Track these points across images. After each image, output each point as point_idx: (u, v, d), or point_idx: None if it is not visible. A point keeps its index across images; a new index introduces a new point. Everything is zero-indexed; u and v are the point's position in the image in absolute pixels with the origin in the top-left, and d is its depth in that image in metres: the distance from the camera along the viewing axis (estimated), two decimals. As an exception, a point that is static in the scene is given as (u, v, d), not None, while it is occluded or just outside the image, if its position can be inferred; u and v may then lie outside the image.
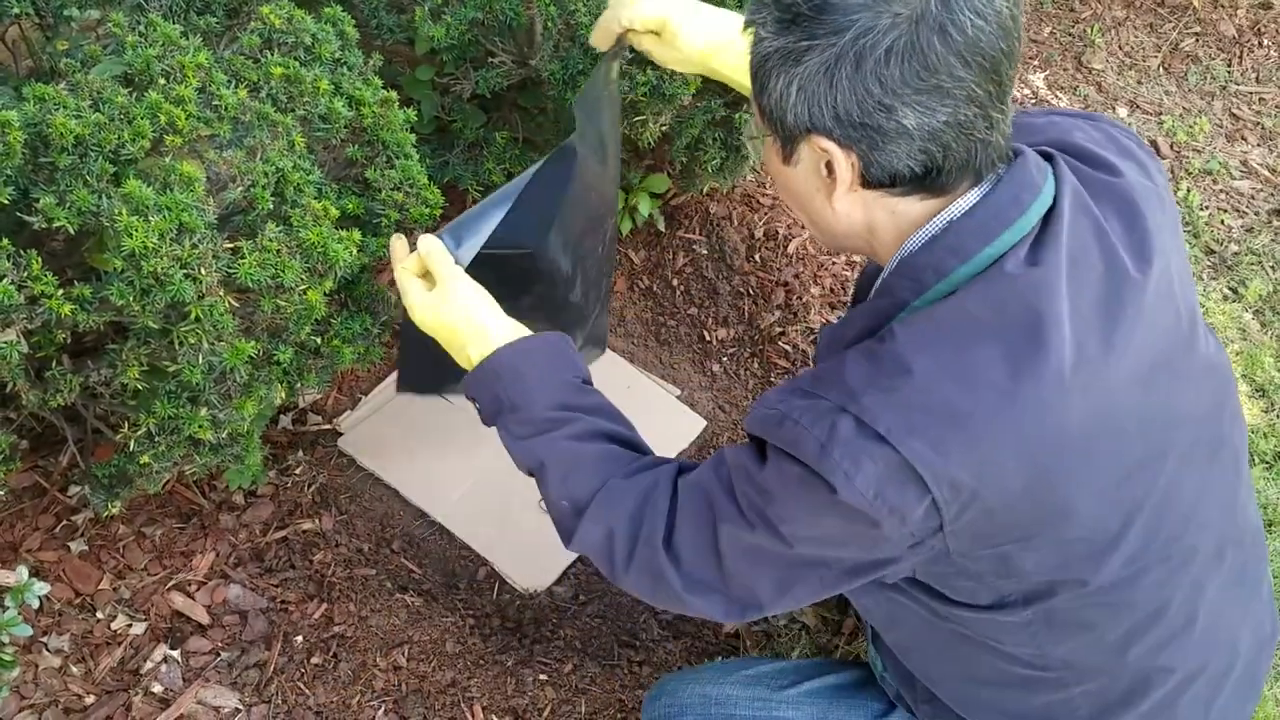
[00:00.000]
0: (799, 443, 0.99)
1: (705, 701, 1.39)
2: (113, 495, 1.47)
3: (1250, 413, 2.31)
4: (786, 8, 0.95)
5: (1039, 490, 0.99)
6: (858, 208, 1.05)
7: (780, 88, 0.98)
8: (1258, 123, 3.09)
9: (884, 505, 0.97)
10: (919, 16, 0.91)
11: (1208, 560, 1.15)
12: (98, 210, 1.17)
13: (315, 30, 1.51)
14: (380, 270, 2.18)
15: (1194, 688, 1.18)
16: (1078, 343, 0.98)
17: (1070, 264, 1.00)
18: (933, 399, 0.96)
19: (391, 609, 1.73)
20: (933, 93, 0.93)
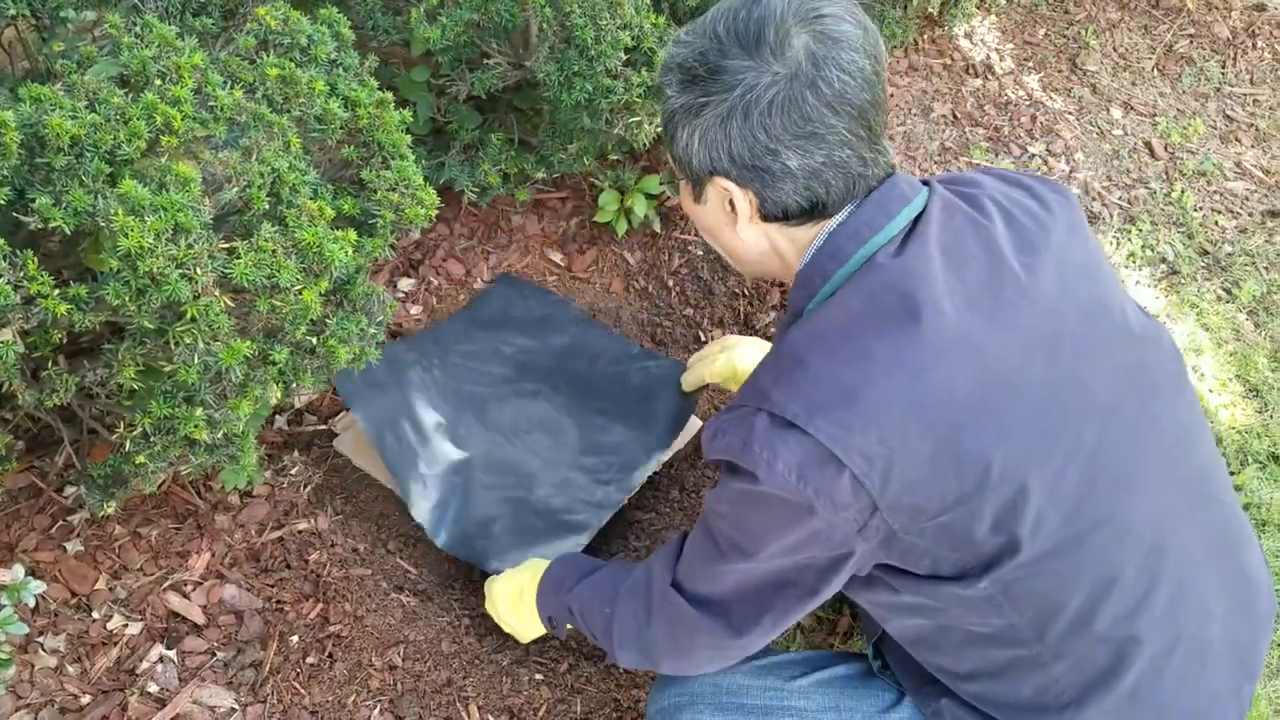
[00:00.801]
0: (729, 449, 1.14)
1: (716, 690, 1.40)
2: (108, 495, 1.47)
3: (1244, 413, 2.31)
4: (688, 71, 1.14)
5: (950, 452, 1.08)
6: (760, 237, 1.23)
7: (685, 137, 1.17)
8: (1251, 124, 3.10)
9: (809, 488, 1.08)
10: (794, 75, 1.09)
11: (1162, 528, 1.18)
12: (94, 210, 1.17)
13: (311, 31, 1.52)
14: (375, 271, 2.19)
15: (1174, 661, 1.20)
16: (955, 316, 1.10)
17: (943, 252, 1.13)
18: (828, 383, 1.09)
19: (387, 609, 1.73)
20: (809, 138, 1.11)
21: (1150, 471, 1.19)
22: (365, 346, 1.53)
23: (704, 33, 1.14)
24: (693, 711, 1.39)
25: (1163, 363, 1.26)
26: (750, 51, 1.10)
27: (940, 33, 3.17)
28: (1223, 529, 1.29)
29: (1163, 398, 1.23)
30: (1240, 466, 2.21)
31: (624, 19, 1.82)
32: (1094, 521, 1.14)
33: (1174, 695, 1.21)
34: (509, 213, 2.36)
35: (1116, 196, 2.80)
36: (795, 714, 1.38)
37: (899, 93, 2.97)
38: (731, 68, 1.11)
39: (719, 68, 1.11)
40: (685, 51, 1.15)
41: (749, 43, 1.10)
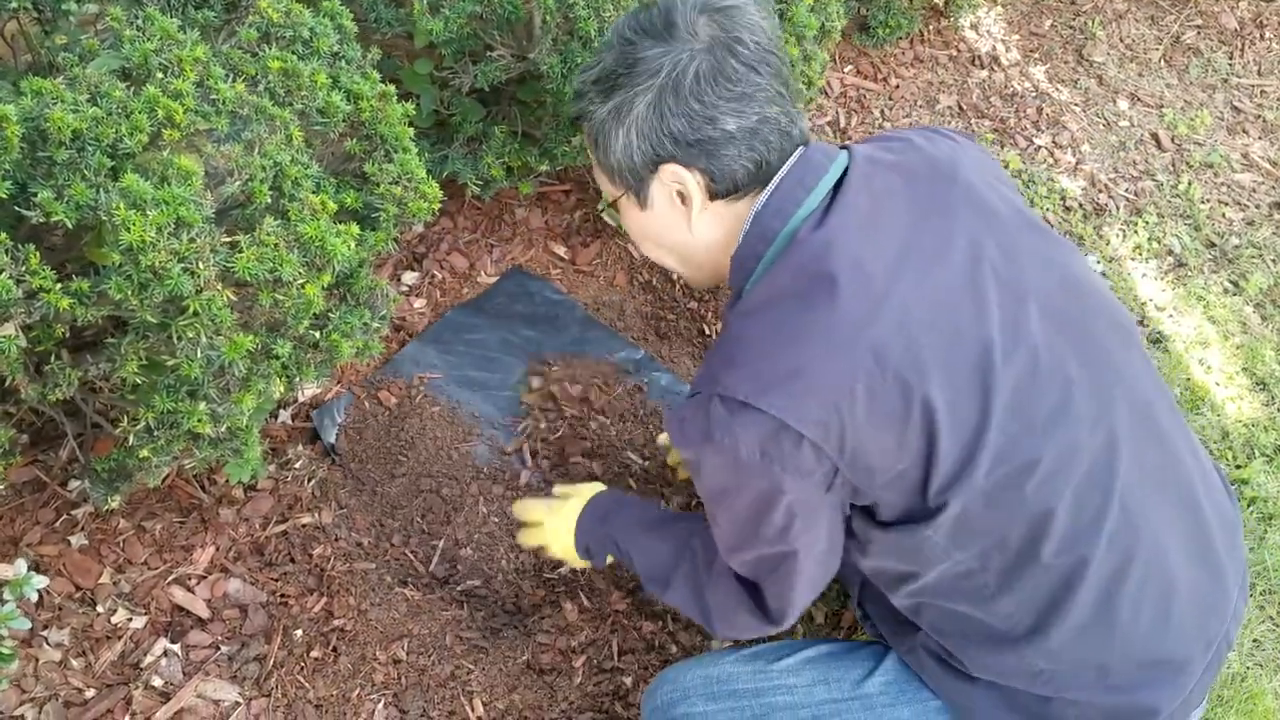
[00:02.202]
0: (692, 440, 1.18)
1: (707, 681, 1.42)
2: (112, 489, 1.47)
3: (1251, 406, 2.30)
4: (606, 78, 1.20)
5: (894, 409, 1.12)
6: (713, 224, 1.26)
7: (621, 139, 1.20)
8: (1259, 115, 3.08)
9: (773, 463, 1.13)
10: (711, 44, 1.16)
11: (1102, 460, 1.20)
12: (96, 204, 1.17)
13: (313, 24, 1.51)
14: (378, 265, 2.18)
15: (1127, 587, 1.21)
16: (881, 277, 1.14)
17: (863, 217, 1.17)
18: (772, 360, 1.13)
19: (391, 603, 1.73)
20: (740, 99, 1.16)
21: (1084, 403, 1.20)
22: (368, 340, 1.53)
23: (610, 44, 1.21)
24: (686, 705, 1.41)
25: (1092, 293, 1.28)
26: (663, 38, 1.17)
27: (946, 24, 3.15)
28: (1173, 464, 1.29)
29: (1098, 331, 1.26)
30: (1247, 460, 2.20)
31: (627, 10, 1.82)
32: (1030, 458, 1.16)
33: (1132, 621, 1.22)
34: (512, 206, 2.35)
35: (1123, 188, 2.79)
36: (786, 691, 1.40)
37: (904, 84, 2.96)
38: (650, 56, 1.16)
39: (637, 60, 1.17)
40: (597, 67, 1.21)
41: (661, 31, 1.17)
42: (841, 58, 2.97)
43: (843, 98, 2.89)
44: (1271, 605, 1.97)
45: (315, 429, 1.92)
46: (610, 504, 1.61)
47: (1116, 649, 1.23)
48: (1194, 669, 1.27)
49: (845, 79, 2.93)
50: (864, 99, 2.90)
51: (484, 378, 2.07)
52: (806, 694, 1.39)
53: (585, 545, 1.60)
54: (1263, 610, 1.96)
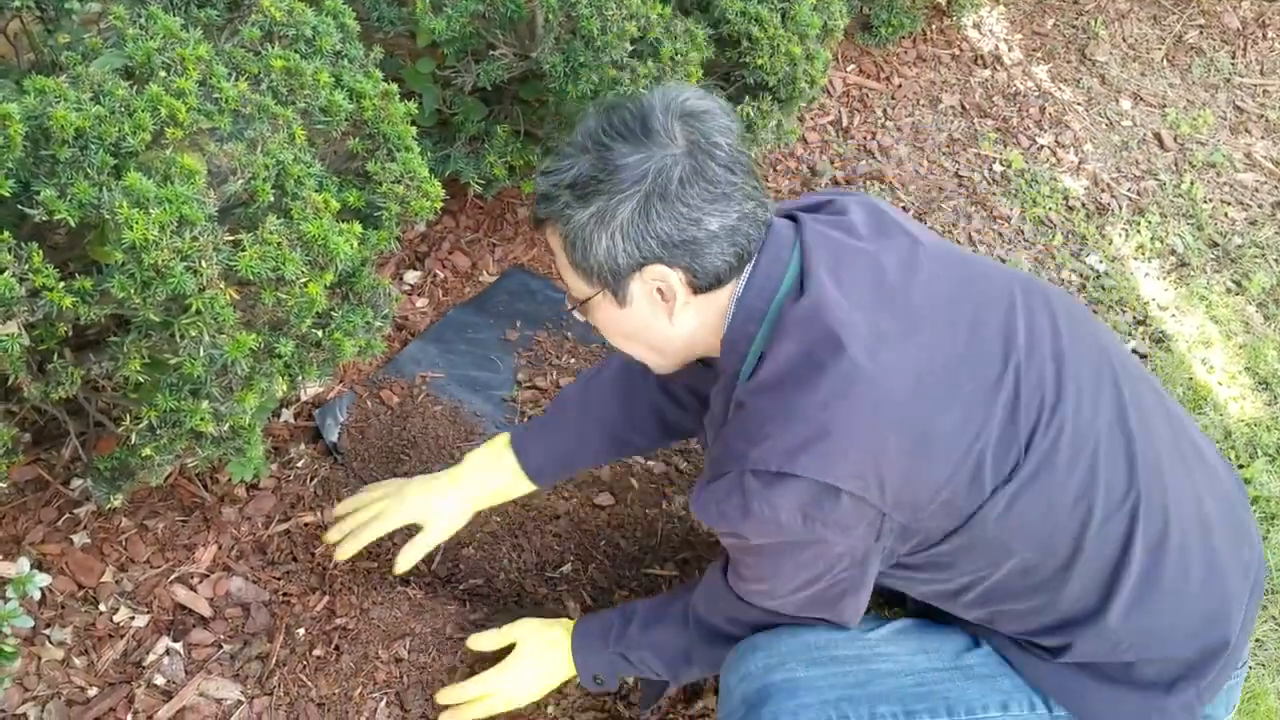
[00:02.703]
0: (730, 517, 1.21)
1: (805, 647, 1.40)
2: (115, 488, 1.47)
3: (1253, 406, 2.30)
4: (585, 184, 1.20)
5: (919, 441, 1.17)
6: (693, 317, 1.28)
7: (604, 242, 1.20)
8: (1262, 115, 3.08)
9: (815, 525, 1.18)
10: (690, 149, 1.18)
11: (1118, 431, 1.28)
12: (98, 203, 1.17)
13: (316, 23, 1.51)
14: (381, 264, 2.18)
15: (1171, 538, 1.29)
16: (868, 326, 1.19)
17: (832, 275, 1.22)
18: (796, 426, 1.16)
19: (393, 601, 1.73)
20: (721, 199, 1.19)
21: (1084, 384, 1.28)
22: (371, 339, 1.53)
23: (584, 147, 1.21)
24: (785, 670, 1.38)
25: (1045, 289, 1.36)
26: (642, 143, 1.18)
27: (949, 23, 3.15)
28: (1163, 408, 1.39)
29: (1064, 315, 1.33)
30: (1250, 459, 2.19)
31: (630, 9, 1.82)
32: (1052, 445, 1.22)
33: (1181, 571, 1.29)
34: (515, 205, 2.35)
35: (1125, 188, 2.79)
36: (888, 659, 1.40)
37: (907, 83, 2.96)
38: (631, 162, 1.17)
39: (618, 166, 1.18)
40: (570, 171, 1.21)
41: (639, 136, 1.18)
42: (844, 56, 2.97)
43: (845, 96, 2.89)
44: (1274, 605, 1.97)
45: (317, 428, 1.92)
46: (598, 627, 1.57)
47: (1181, 600, 1.29)
48: (1241, 597, 1.35)
49: (848, 78, 2.93)
50: (866, 98, 2.90)
51: (486, 377, 2.07)
52: (908, 661, 1.40)
53: (593, 675, 1.58)
54: (1265, 610, 1.96)
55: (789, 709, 1.33)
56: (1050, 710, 1.38)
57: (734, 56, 2.03)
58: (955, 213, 2.64)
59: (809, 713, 1.33)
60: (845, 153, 2.74)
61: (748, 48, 2.00)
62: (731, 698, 1.40)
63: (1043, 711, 1.38)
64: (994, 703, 1.37)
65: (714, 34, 1.99)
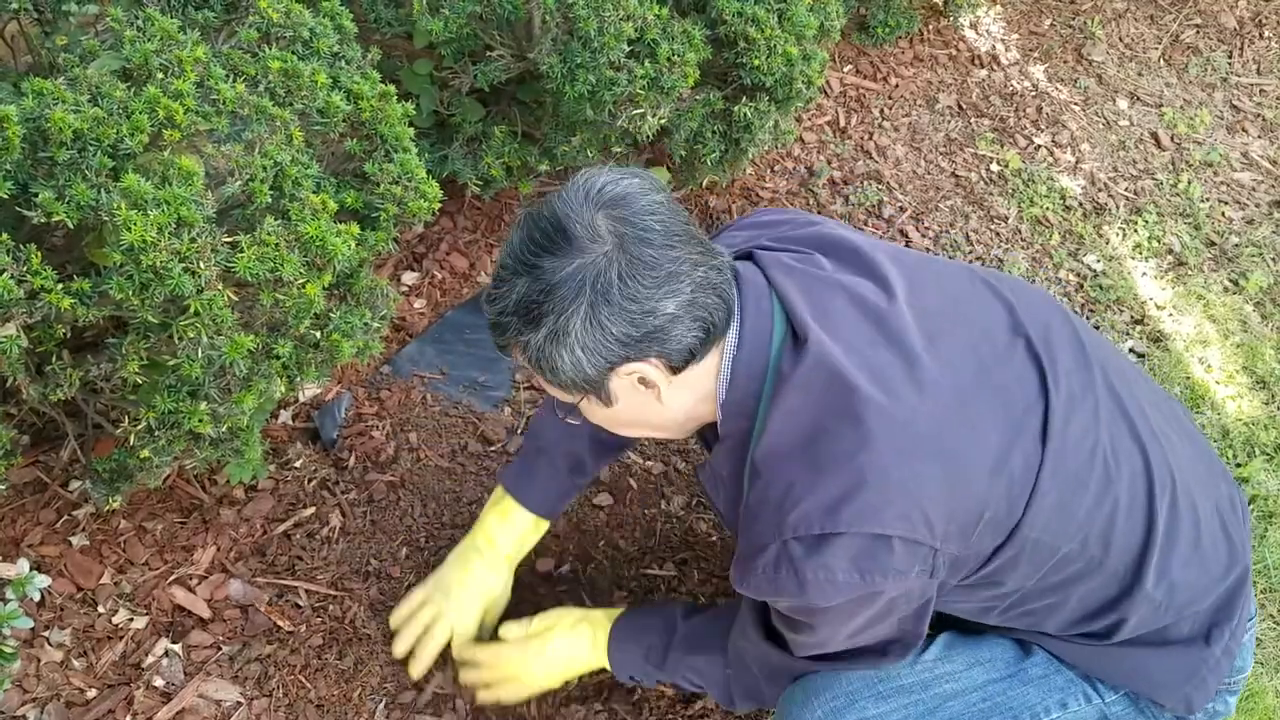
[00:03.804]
0: (785, 590, 1.18)
1: (869, 682, 1.39)
2: (114, 490, 1.47)
3: (1251, 405, 2.31)
4: (525, 308, 1.14)
5: (954, 469, 1.16)
6: (684, 392, 1.24)
7: (568, 359, 1.16)
8: (1258, 114, 3.08)
9: (873, 577, 1.15)
10: (620, 242, 1.12)
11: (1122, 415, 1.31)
12: (96, 205, 1.17)
13: (313, 24, 1.51)
14: (379, 265, 2.19)
15: (1179, 487, 1.32)
16: (872, 363, 1.18)
17: (819, 320, 1.21)
18: (830, 482, 1.14)
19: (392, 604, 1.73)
20: (668, 280, 1.14)
21: (1069, 363, 1.30)
22: (369, 340, 1.53)
23: (514, 270, 1.15)
24: (857, 710, 1.37)
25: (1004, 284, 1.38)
26: (568, 253, 1.12)
27: (945, 23, 3.15)
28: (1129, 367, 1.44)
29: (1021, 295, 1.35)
30: (1247, 458, 2.20)
31: (627, 10, 1.82)
32: (1063, 430, 1.24)
33: (1192, 518, 1.33)
34: (513, 205, 2.36)
35: (1123, 187, 2.79)
36: (950, 679, 1.40)
37: (904, 83, 2.96)
38: (564, 276, 1.12)
39: (552, 285, 1.12)
40: (510, 297, 1.15)
41: (561, 246, 1.12)
42: (841, 57, 2.98)
43: (842, 97, 2.89)
44: (1273, 604, 1.97)
45: (316, 429, 1.92)
46: (637, 643, 1.55)
47: (1200, 550, 1.33)
48: (1242, 532, 1.42)
49: (845, 78, 2.93)
50: (863, 98, 2.90)
51: (484, 378, 2.07)
52: (969, 679, 1.40)
53: (629, 676, 1.58)
54: (1264, 609, 1.96)
55: None
56: (1103, 697, 1.40)
57: (731, 57, 2.03)
58: (952, 212, 2.64)
59: None
60: (842, 153, 2.74)
61: (744, 48, 2.00)
62: None
63: (1097, 701, 1.40)
64: (1054, 702, 1.39)
65: (711, 35, 2.00)
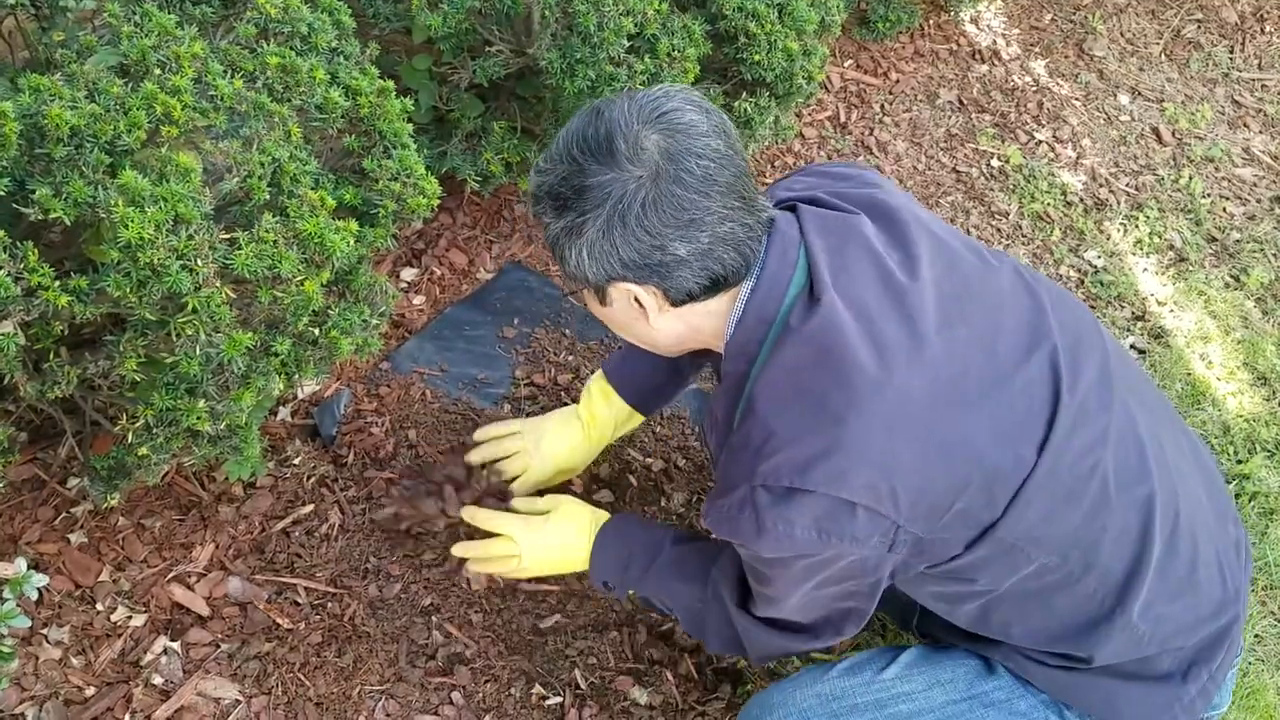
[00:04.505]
0: (744, 533, 1.21)
1: (823, 699, 1.41)
2: (112, 487, 1.46)
3: (1252, 401, 2.30)
4: (556, 197, 1.19)
5: (934, 448, 1.17)
6: (675, 322, 1.28)
7: (574, 256, 1.21)
8: (1260, 109, 3.08)
9: (829, 539, 1.17)
10: (656, 174, 1.14)
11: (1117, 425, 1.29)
12: (94, 201, 1.17)
13: (311, 19, 1.50)
14: (378, 261, 2.18)
15: (1181, 522, 1.32)
16: (879, 335, 1.18)
17: (838, 282, 1.21)
18: (806, 440, 1.16)
19: (392, 601, 1.73)
20: (689, 226, 1.16)
21: (1091, 382, 1.28)
22: (368, 337, 1.52)
23: (560, 157, 1.19)
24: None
25: (1036, 280, 1.37)
26: (607, 164, 1.15)
27: (946, 18, 3.15)
28: (1155, 394, 1.45)
29: (1060, 306, 1.34)
30: (1248, 455, 2.19)
31: (627, 5, 1.81)
32: (1064, 444, 1.23)
33: (1191, 553, 1.32)
34: (512, 201, 2.35)
35: (1124, 183, 2.78)
36: (907, 699, 1.40)
37: (904, 78, 2.95)
38: (595, 183, 1.15)
39: (584, 187, 1.16)
40: (549, 179, 1.20)
41: (604, 156, 1.15)
42: (841, 52, 2.97)
43: (843, 92, 2.88)
44: (1273, 600, 1.97)
45: (315, 426, 1.92)
46: (620, 551, 1.57)
47: (1195, 586, 1.32)
48: (1241, 576, 1.41)
49: (845, 73, 2.93)
50: (864, 93, 2.90)
51: (484, 374, 2.07)
52: (925, 699, 1.40)
53: (604, 582, 1.60)
54: (1264, 606, 1.96)
55: None
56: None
57: (731, 52, 2.02)
58: (953, 208, 2.64)
59: None
60: (843, 148, 2.73)
61: (745, 44, 2.00)
62: None
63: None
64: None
65: (711, 30, 1.99)
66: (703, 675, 1.74)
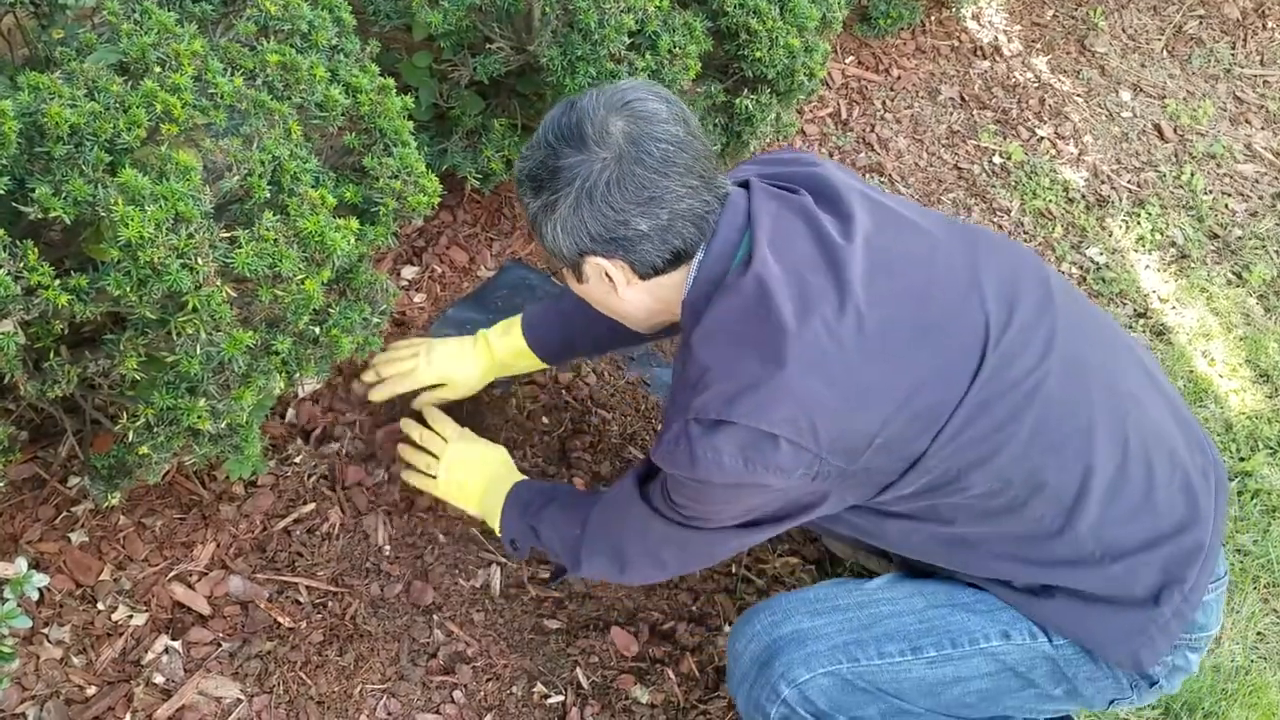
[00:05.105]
0: (679, 463, 1.29)
1: (805, 600, 1.51)
2: (112, 486, 1.46)
3: (1254, 398, 2.30)
4: (534, 179, 1.32)
5: (852, 389, 1.25)
6: (643, 295, 1.39)
7: (550, 232, 1.33)
8: (1262, 106, 3.07)
9: (755, 468, 1.25)
10: (619, 155, 1.27)
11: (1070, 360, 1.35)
12: (94, 200, 1.16)
13: (311, 16, 1.50)
14: (378, 259, 2.18)
15: (1133, 445, 1.36)
16: (803, 289, 1.27)
17: (773, 245, 1.30)
18: (733, 376, 1.26)
19: (392, 600, 1.73)
20: (649, 203, 1.28)
21: (1023, 317, 1.35)
22: (369, 335, 1.52)
23: (539, 144, 1.32)
24: (792, 623, 1.47)
25: (979, 235, 1.45)
26: (577, 147, 1.28)
27: (948, 14, 3.14)
28: (1109, 333, 1.49)
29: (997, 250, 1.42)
30: (1250, 452, 2.19)
31: (628, 2, 1.81)
32: (995, 377, 1.30)
33: (1144, 477, 1.37)
34: (512, 199, 2.35)
35: (1126, 179, 2.78)
36: (888, 602, 1.49)
37: (906, 75, 2.95)
38: (566, 165, 1.28)
39: (557, 168, 1.29)
40: (528, 164, 1.33)
41: (575, 140, 1.28)
42: (843, 48, 2.96)
43: (844, 88, 2.88)
44: (1276, 598, 1.97)
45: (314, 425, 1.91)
46: (525, 497, 1.66)
47: (1150, 507, 1.37)
48: (1207, 500, 1.43)
49: (847, 70, 2.92)
50: (865, 90, 2.89)
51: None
52: (907, 603, 1.48)
53: (511, 539, 1.66)
54: (1266, 604, 1.96)
55: (800, 658, 1.43)
56: (1051, 640, 1.44)
57: (732, 49, 2.02)
58: (955, 205, 2.63)
59: (820, 660, 1.43)
60: (844, 145, 2.73)
61: (746, 40, 1.99)
62: (741, 662, 1.49)
63: (1043, 640, 1.44)
64: (995, 632, 1.44)
65: (712, 27, 1.98)
66: (704, 674, 1.74)
